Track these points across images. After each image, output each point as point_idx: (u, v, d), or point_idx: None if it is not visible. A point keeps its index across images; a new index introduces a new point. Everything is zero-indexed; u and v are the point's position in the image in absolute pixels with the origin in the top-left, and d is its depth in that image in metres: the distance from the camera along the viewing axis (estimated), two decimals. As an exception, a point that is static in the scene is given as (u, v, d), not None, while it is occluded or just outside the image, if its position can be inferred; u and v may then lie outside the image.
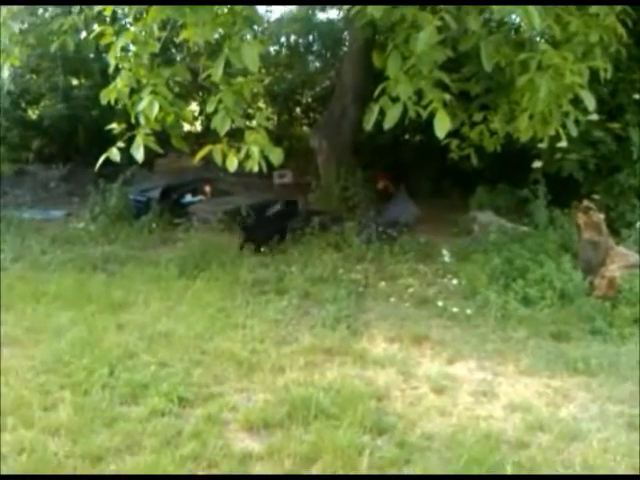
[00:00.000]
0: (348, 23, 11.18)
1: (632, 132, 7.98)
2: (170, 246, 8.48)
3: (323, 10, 14.63)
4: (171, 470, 3.44)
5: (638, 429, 3.98)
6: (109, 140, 5.25)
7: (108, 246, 8.38)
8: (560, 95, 5.26)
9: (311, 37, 14.98)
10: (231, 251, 7.74)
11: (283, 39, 15.03)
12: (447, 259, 7.08)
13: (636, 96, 8.17)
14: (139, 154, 4.96)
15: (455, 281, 6.68)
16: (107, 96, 5.29)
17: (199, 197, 10.62)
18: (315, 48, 15.29)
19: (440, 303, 6.11)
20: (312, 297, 6.38)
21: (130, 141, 5.08)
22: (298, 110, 15.82)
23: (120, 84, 5.17)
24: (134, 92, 5.16)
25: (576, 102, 5.42)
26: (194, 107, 14.48)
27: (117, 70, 5.25)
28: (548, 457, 3.66)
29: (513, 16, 6.25)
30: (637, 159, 7.96)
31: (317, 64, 15.49)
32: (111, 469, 3.47)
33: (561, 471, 3.55)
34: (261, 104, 14.28)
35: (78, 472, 3.45)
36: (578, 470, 3.56)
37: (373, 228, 8.27)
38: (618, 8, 5.60)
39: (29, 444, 3.65)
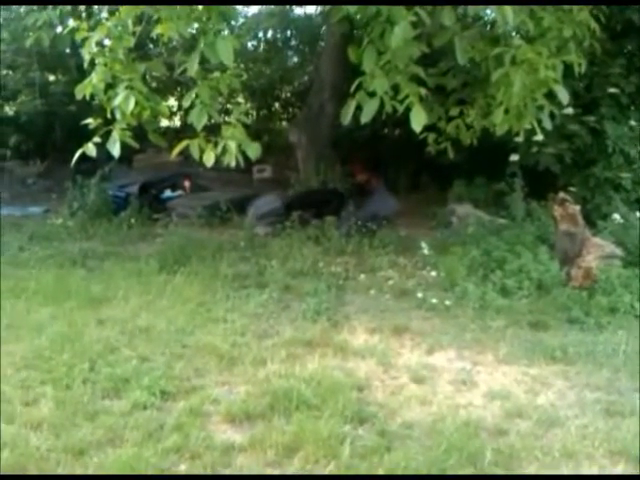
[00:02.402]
0: (326, 18, 11.18)
1: (607, 125, 8.06)
2: (149, 241, 8.46)
3: (301, 5, 14.62)
4: (153, 462, 3.45)
5: (615, 416, 4.04)
6: (86, 136, 5.23)
7: (87, 242, 8.35)
8: (534, 89, 5.33)
9: (289, 32, 14.94)
10: (211, 246, 7.73)
11: (261, 34, 15.00)
12: (426, 251, 7.11)
13: (611, 90, 8.25)
14: (115, 149, 4.97)
15: (434, 273, 6.72)
16: (82, 91, 5.27)
17: (178, 192, 10.61)
18: (293, 43, 15.27)
19: (420, 295, 6.16)
20: (293, 290, 6.39)
21: (107, 136, 5.07)
22: (277, 105, 15.81)
23: (95, 79, 5.15)
24: (110, 87, 5.15)
25: (551, 96, 5.49)
26: (172, 102, 14.45)
27: (92, 65, 5.23)
28: (527, 444, 3.70)
29: (488, 11, 6.30)
30: (612, 152, 8.04)
31: (295, 59, 15.47)
32: (94, 462, 3.47)
33: (540, 457, 3.59)
34: (240, 99, 14.27)
35: (61, 465, 3.45)
36: (556, 456, 3.60)
37: (353, 222, 8.30)
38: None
39: (11, 439, 3.64)
